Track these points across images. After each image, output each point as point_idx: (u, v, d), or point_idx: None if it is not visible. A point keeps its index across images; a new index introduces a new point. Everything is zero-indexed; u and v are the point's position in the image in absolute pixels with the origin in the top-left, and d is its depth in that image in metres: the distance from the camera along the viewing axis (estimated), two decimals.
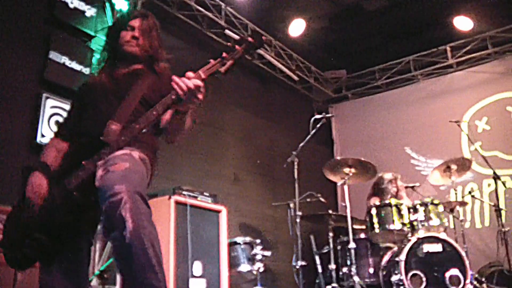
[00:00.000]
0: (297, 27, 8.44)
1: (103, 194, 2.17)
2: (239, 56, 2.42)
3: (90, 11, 5.78)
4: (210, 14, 7.46)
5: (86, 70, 5.57)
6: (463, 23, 8.37)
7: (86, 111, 2.72)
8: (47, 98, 5.23)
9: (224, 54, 2.38)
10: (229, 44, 2.43)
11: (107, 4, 6.00)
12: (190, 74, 2.33)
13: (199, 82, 2.32)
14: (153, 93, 2.62)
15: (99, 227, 2.52)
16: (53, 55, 5.36)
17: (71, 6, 5.62)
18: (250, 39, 2.42)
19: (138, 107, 2.57)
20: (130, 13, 2.92)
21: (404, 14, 8.37)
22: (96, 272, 3.90)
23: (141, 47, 2.78)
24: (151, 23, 2.85)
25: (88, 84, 2.89)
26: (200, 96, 2.34)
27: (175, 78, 2.32)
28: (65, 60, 5.44)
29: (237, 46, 2.41)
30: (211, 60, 2.39)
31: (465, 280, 5.12)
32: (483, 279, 5.93)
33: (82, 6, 5.72)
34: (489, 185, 8.12)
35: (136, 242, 2.04)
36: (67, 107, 5.19)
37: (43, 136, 5.12)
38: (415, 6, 8.18)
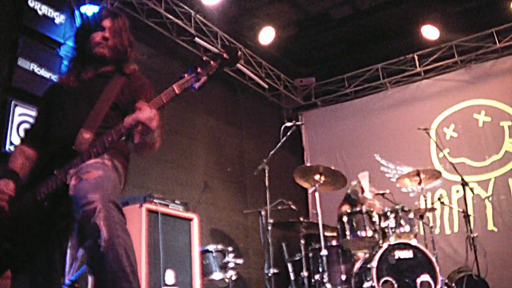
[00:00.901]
0: (266, 35, 8.46)
1: (76, 203, 2.13)
2: (213, 72, 2.38)
3: (59, 18, 5.69)
4: (179, 22, 7.42)
5: (55, 78, 5.48)
6: (430, 31, 8.50)
7: (55, 116, 2.66)
8: (15, 105, 5.13)
9: (198, 69, 2.34)
10: (204, 58, 2.39)
11: (76, 11, 5.93)
12: (142, 103, 2.30)
13: (152, 113, 2.27)
14: (123, 96, 2.58)
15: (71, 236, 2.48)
16: (22, 62, 5.26)
17: (40, 13, 5.53)
18: (225, 55, 2.38)
19: (109, 112, 2.53)
20: (100, 13, 2.84)
21: (372, 22, 8.47)
22: (67, 282, 3.83)
23: (111, 48, 2.73)
24: (121, 23, 2.80)
25: (56, 87, 2.82)
26: (153, 126, 2.29)
27: (126, 119, 2.28)
28: (33, 67, 5.34)
29: (212, 62, 2.37)
30: (185, 75, 2.35)
31: (435, 285, 5.16)
32: (453, 284, 5.99)
33: (51, 13, 5.63)
34: (457, 191, 8.24)
35: (110, 251, 2.01)
36: None
37: (11, 144, 5.00)
38: (383, 14, 8.29)
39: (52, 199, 2.35)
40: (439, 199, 7.75)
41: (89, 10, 5.89)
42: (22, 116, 5.16)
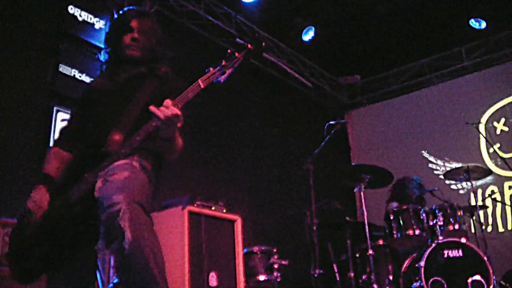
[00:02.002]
0: (309, 34, 8.40)
1: (101, 205, 2.11)
2: (239, 64, 2.33)
3: (98, 23, 5.80)
4: (220, 23, 7.42)
5: None
6: (477, 23, 8.26)
7: (88, 118, 2.67)
8: (57, 111, 5.24)
9: (223, 62, 2.30)
10: (228, 50, 2.34)
11: (115, 16, 6.00)
12: (168, 102, 2.24)
13: (176, 111, 2.22)
14: (156, 98, 2.51)
15: None
16: (63, 68, 5.37)
17: (80, 19, 5.65)
18: (249, 45, 2.35)
19: (141, 114, 2.49)
20: (128, 13, 2.81)
21: (416, 16, 8.29)
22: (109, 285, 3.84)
23: (142, 49, 2.71)
24: (149, 22, 2.78)
25: (91, 89, 2.83)
26: (179, 125, 2.27)
27: (152, 107, 2.23)
28: (75, 72, 5.45)
29: (236, 53, 2.33)
30: (211, 68, 2.31)
31: (488, 286, 4.98)
32: (508, 285, 5.77)
33: (91, 19, 5.75)
34: (510, 187, 7.96)
35: (136, 253, 1.98)
36: None
37: None
38: (427, 7, 8.10)
39: (84, 202, 2.34)
40: (490, 195, 7.54)
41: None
42: (64, 122, 5.24)
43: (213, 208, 5.14)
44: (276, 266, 5.64)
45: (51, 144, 5.09)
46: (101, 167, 2.32)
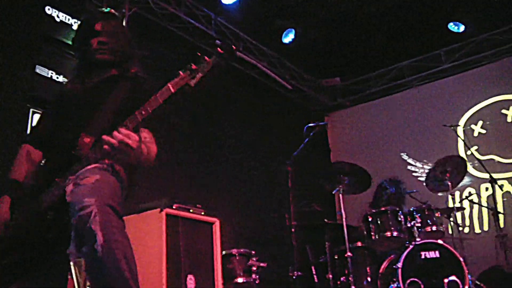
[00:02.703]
0: (289, 35, 8.42)
1: (73, 208, 2.09)
2: (209, 69, 2.30)
3: (76, 25, 5.74)
4: (200, 26, 7.41)
5: None
6: (456, 27, 8.36)
7: (59, 122, 2.65)
8: (34, 112, 5.19)
9: (193, 66, 2.27)
10: (198, 54, 2.32)
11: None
12: (121, 131, 2.19)
13: (122, 138, 2.16)
14: (129, 102, 2.52)
15: None
16: (40, 70, 5.32)
17: (58, 19, 5.59)
18: (219, 49, 2.31)
19: (113, 118, 2.47)
20: (92, 17, 2.78)
21: (397, 19, 8.35)
22: None
23: (111, 52, 2.68)
24: (115, 23, 2.76)
25: (62, 93, 2.81)
26: (129, 151, 2.20)
27: (104, 137, 2.19)
28: (52, 74, 5.40)
29: (206, 58, 2.30)
30: (180, 72, 2.28)
31: (463, 286, 5.05)
32: (483, 285, 5.83)
33: (69, 20, 5.68)
34: (486, 189, 8.05)
35: (108, 255, 1.97)
36: None
37: None
38: (407, 11, 8.16)
39: (55, 207, 2.33)
40: (467, 197, 7.62)
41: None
42: None
43: (191, 210, 5.12)
44: (254, 268, 5.64)
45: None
46: (72, 171, 2.30)
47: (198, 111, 7.36)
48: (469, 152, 8.19)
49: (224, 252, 5.51)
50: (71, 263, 2.56)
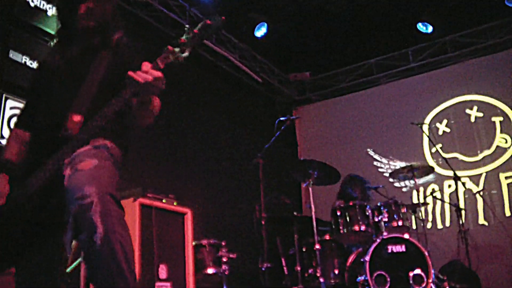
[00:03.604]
0: (261, 29, 8.47)
1: (71, 195, 2.04)
2: (198, 40, 2.21)
3: (51, 10, 5.64)
4: (174, 15, 7.39)
5: None
6: (424, 27, 8.53)
7: (42, 100, 2.57)
8: (6, 98, 5.10)
9: (181, 40, 2.19)
10: (186, 26, 2.25)
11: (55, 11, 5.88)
12: (147, 64, 2.13)
13: (159, 73, 2.13)
14: (113, 71, 2.44)
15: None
16: (13, 55, 5.22)
17: (32, 4, 5.49)
18: (207, 21, 2.22)
19: (98, 91, 2.40)
20: None
21: (367, 16, 8.47)
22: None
23: (96, 18, 2.56)
24: None
25: (42, 68, 2.72)
26: (162, 86, 2.16)
27: (130, 73, 2.12)
28: (25, 59, 5.31)
29: (195, 30, 2.20)
30: (169, 47, 2.19)
31: (427, 279, 5.20)
32: (445, 278, 6.01)
33: (44, 5, 5.58)
34: (449, 186, 8.28)
35: (106, 247, 1.95)
36: None
37: (2, 137, 4.98)
38: (378, 10, 8.29)
39: (44, 191, 2.29)
40: (431, 193, 7.81)
41: None
42: (13, 110, 5.13)
43: (164, 200, 5.13)
44: (224, 259, 5.68)
45: (2, 133, 5.03)
46: (63, 153, 2.24)
47: (170, 101, 7.32)
48: (433, 150, 8.41)
49: (194, 243, 5.52)
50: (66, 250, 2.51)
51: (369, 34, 8.90)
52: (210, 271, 5.59)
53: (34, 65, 5.38)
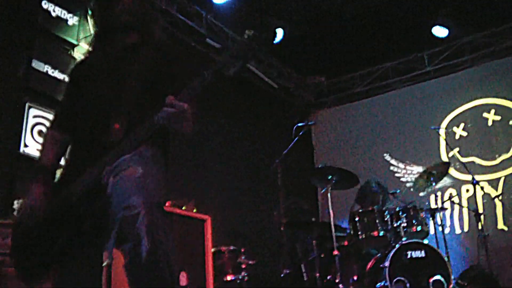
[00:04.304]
0: (277, 33, 8.48)
1: (117, 204, 2.02)
2: (252, 54, 2.19)
3: (72, 20, 5.73)
4: (190, 23, 7.44)
5: None
6: (440, 30, 8.50)
7: (83, 99, 2.49)
8: (30, 107, 5.17)
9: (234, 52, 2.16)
10: (246, 34, 2.21)
11: (90, 12, 5.94)
12: (170, 98, 2.10)
13: (183, 105, 2.11)
14: (156, 72, 2.41)
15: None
16: (36, 64, 5.30)
17: (54, 14, 5.57)
18: (260, 34, 2.22)
19: (141, 94, 2.36)
20: None
21: (381, 20, 8.46)
22: None
23: (134, 14, 2.50)
24: None
25: (82, 66, 2.66)
26: (188, 123, 2.17)
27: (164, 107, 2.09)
28: (47, 68, 5.38)
29: (249, 41, 2.18)
30: (218, 59, 2.18)
31: (448, 285, 5.17)
32: (465, 284, 5.99)
33: (65, 15, 5.67)
34: (467, 190, 8.23)
35: (151, 260, 1.94)
36: (51, 116, 5.17)
37: (26, 146, 5.05)
38: (392, 13, 8.27)
39: (87, 197, 2.25)
40: (449, 198, 7.77)
41: None
42: (36, 118, 5.20)
43: (184, 207, 5.17)
44: (243, 265, 5.71)
45: (25, 141, 5.08)
46: (108, 160, 2.18)
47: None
48: (451, 154, 8.36)
49: (213, 249, 5.55)
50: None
51: (385, 37, 8.86)
52: (229, 277, 5.62)
53: (56, 74, 5.45)
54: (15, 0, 5.40)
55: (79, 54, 5.72)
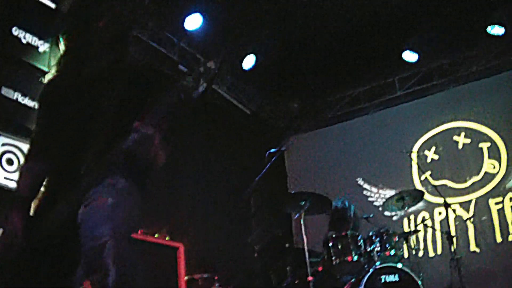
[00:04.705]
0: (248, 61, 8.53)
1: (85, 234, 2.02)
2: (212, 77, 2.25)
3: (43, 47, 5.68)
4: (162, 49, 7.45)
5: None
6: (410, 55, 8.64)
7: (57, 124, 2.45)
8: None
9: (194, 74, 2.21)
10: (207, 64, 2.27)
11: (61, 39, 5.89)
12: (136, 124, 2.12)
13: (147, 132, 2.13)
14: (130, 93, 2.40)
15: None
16: (5, 91, 5.23)
17: (24, 41, 5.52)
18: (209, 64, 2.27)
19: (117, 115, 2.33)
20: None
21: (353, 46, 8.57)
22: None
23: (113, 34, 2.50)
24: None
25: (52, 86, 2.60)
26: (155, 149, 2.18)
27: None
28: (18, 96, 5.31)
29: (208, 63, 2.26)
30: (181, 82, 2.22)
31: None
32: None
33: (35, 42, 5.62)
34: (439, 213, 8.29)
35: None
36: (20, 144, 5.11)
37: None
38: (363, 39, 8.39)
39: (61, 227, 2.21)
40: (422, 221, 7.82)
41: None
42: (5, 146, 5.11)
43: (156, 235, 5.12)
44: None
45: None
46: (81, 189, 2.17)
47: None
48: (423, 177, 8.44)
49: (187, 277, 5.50)
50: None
51: (356, 63, 8.97)
52: None
53: (26, 101, 5.38)
54: None
55: None
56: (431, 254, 8.25)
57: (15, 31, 5.47)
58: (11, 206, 2.37)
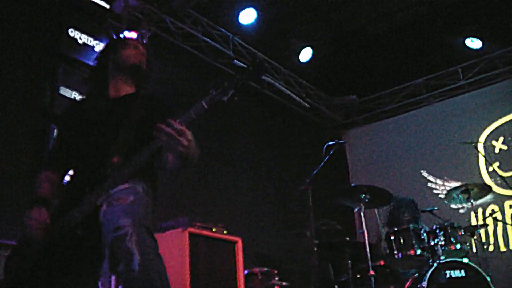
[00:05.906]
0: (305, 54, 8.46)
1: (107, 228, 2.11)
2: (240, 85, 2.30)
3: (98, 46, 5.81)
4: (217, 45, 7.45)
5: None
6: (473, 43, 8.33)
7: (80, 139, 2.63)
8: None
9: (225, 84, 2.28)
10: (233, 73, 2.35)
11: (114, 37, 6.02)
12: (171, 121, 2.18)
13: (181, 128, 2.17)
14: (148, 119, 2.55)
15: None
16: (63, 90, 5.38)
17: (80, 41, 5.68)
18: (250, 68, 2.33)
19: (136, 136, 2.52)
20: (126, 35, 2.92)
21: (412, 36, 8.36)
22: None
23: (140, 59, 2.79)
24: (144, 47, 2.87)
25: (78, 106, 2.82)
26: (185, 143, 2.17)
27: (159, 125, 2.17)
28: (75, 95, 5.45)
29: (237, 75, 2.32)
30: (213, 90, 2.28)
31: None
32: None
33: (91, 41, 5.77)
34: (510, 206, 7.94)
35: (144, 274, 1.98)
36: None
37: None
38: (423, 27, 8.17)
39: (85, 225, 2.33)
40: (491, 214, 7.50)
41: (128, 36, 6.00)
42: None
43: (213, 229, 5.10)
44: (277, 287, 5.59)
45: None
46: (103, 189, 2.30)
47: (216, 129, 7.37)
48: (491, 169, 8.10)
49: (246, 272, 5.46)
50: (99, 283, 2.53)
51: (416, 53, 8.75)
52: None
53: None
54: (41, 28, 5.51)
55: None
56: (503, 248, 7.90)
57: (71, 33, 5.64)
58: (32, 205, 2.48)
